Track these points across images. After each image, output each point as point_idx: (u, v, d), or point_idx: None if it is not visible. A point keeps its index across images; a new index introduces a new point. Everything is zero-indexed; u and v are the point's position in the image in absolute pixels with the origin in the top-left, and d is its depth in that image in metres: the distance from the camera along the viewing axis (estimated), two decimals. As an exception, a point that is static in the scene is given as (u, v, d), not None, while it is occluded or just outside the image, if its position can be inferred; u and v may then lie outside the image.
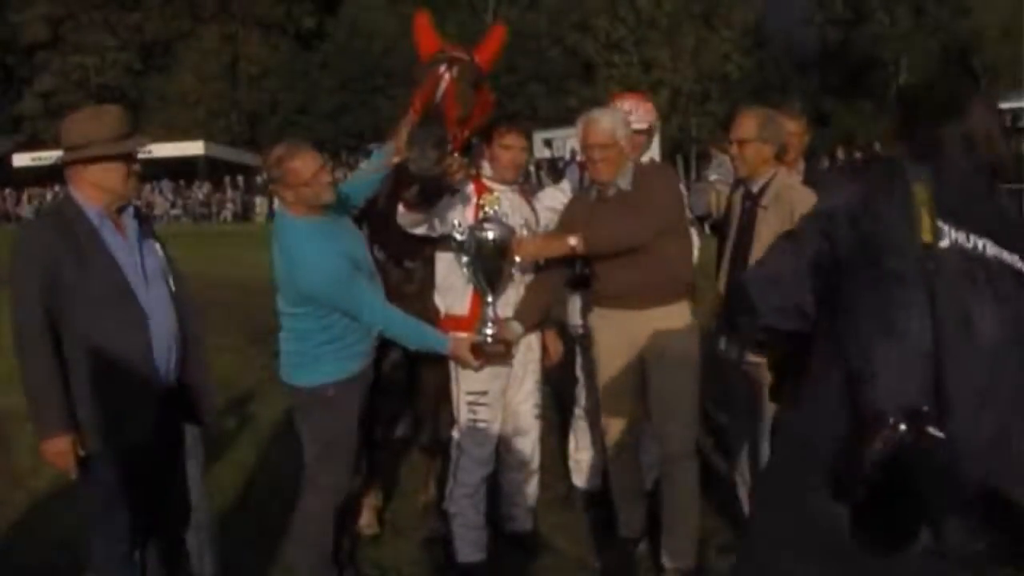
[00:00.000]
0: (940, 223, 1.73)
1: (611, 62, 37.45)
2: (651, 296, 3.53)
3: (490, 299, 3.55)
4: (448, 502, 3.76)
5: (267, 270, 3.33)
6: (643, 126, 4.28)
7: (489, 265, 3.50)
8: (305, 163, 3.17)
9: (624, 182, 3.58)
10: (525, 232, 3.68)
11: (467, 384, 3.66)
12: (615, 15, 36.97)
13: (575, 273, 3.85)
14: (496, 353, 3.54)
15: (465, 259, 3.53)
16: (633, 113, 4.28)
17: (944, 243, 1.72)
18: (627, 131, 3.59)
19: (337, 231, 3.29)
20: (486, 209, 3.64)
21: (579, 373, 4.52)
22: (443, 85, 3.30)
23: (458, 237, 3.52)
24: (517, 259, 3.57)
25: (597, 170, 3.56)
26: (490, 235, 3.47)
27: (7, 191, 36.54)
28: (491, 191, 3.69)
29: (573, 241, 3.47)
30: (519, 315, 3.64)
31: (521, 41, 36.02)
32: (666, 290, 3.55)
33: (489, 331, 3.52)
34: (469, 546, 3.72)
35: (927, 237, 1.70)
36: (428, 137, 3.13)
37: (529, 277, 3.73)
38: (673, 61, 35.95)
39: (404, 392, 4.51)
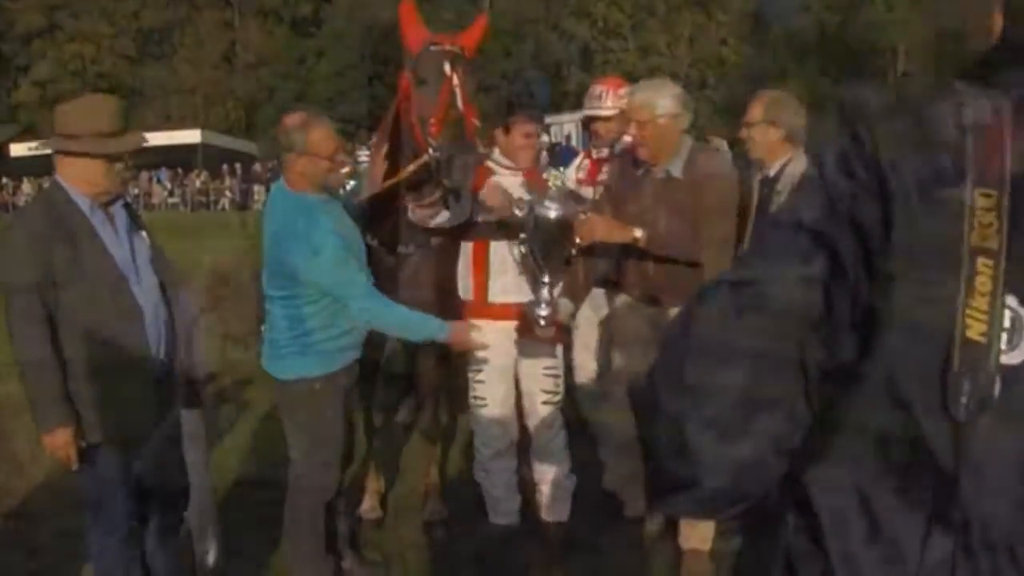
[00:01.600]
0: (1012, 300, 0.86)
1: (608, 48, 37.40)
2: (676, 294, 3.37)
3: (546, 280, 3.39)
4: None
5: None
6: (613, 112, 4.23)
7: (547, 244, 3.33)
8: (328, 136, 3.13)
9: (675, 168, 3.38)
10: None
11: (473, 360, 3.59)
12: (612, 1, 36.89)
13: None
14: (548, 336, 3.44)
15: (522, 235, 3.38)
16: (603, 98, 4.24)
17: (1014, 357, 0.86)
18: (674, 107, 3.35)
19: (335, 212, 3.21)
20: (550, 185, 3.52)
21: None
22: (458, 92, 3.17)
23: (517, 213, 3.36)
24: (578, 240, 3.36)
25: (637, 149, 3.43)
26: (551, 213, 3.29)
27: (4, 181, 36.36)
28: (492, 174, 3.60)
29: (638, 234, 3.28)
30: (567, 292, 3.55)
31: (518, 27, 35.92)
32: (690, 290, 3.50)
33: (543, 312, 3.39)
34: (491, 510, 3.74)
35: (975, 334, 0.86)
36: (465, 163, 3.13)
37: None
38: (670, 47, 35.88)
39: (405, 378, 4.53)
